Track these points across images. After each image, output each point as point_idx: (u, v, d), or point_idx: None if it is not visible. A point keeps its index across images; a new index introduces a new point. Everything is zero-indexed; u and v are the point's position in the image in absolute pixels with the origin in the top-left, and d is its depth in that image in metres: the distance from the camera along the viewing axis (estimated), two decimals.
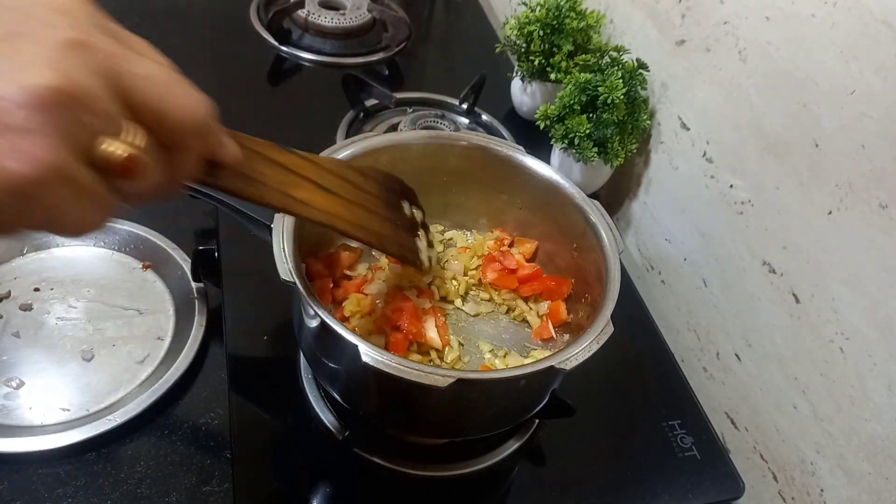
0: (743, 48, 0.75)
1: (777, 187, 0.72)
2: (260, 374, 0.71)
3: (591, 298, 0.65)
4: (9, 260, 0.80)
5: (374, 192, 0.60)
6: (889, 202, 0.60)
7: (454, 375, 0.49)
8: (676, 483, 0.69)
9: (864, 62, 0.61)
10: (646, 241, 0.97)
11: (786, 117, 0.70)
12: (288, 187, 0.49)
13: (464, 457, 0.66)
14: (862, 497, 0.66)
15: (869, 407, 0.64)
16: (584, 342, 0.54)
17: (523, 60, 1.00)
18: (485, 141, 0.71)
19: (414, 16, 1.24)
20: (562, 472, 0.69)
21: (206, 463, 0.67)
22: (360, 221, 0.56)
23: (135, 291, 0.80)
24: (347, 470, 0.65)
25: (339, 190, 0.55)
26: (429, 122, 0.97)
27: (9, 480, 0.63)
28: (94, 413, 0.69)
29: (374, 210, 0.59)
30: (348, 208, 0.55)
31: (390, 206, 0.62)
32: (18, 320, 0.75)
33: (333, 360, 0.57)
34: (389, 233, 0.60)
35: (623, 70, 0.87)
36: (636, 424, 0.74)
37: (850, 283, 0.65)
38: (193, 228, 0.87)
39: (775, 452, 0.77)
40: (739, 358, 0.81)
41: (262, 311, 0.75)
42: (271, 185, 0.47)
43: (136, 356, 0.74)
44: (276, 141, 0.46)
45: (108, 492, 0.64)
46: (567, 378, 0.56)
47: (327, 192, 0.54)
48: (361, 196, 0.58)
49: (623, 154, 0.89)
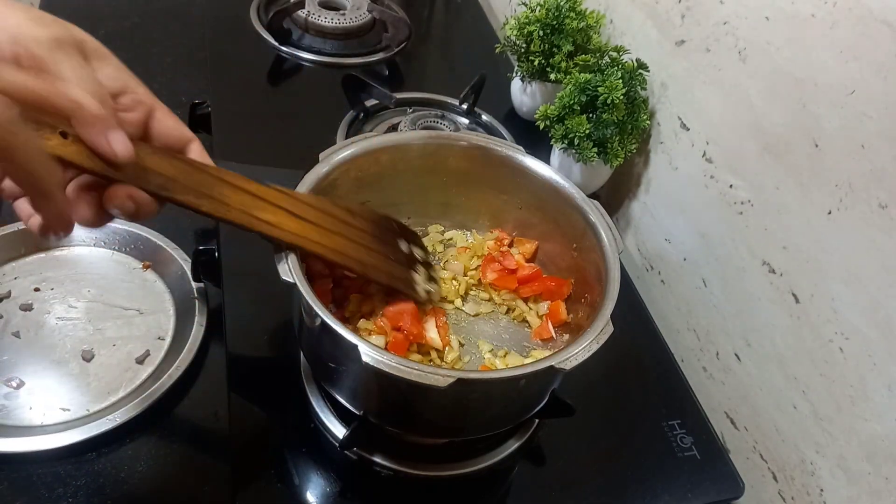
0: (743, 48, 0.75)
1: (777, 187, 0.72)
2: (260, 374, 0.71)
3: (591, 298, 0.65)
4: (9, 260, 0.80)
5: (362, 228, 0.62)
6: (889, 202, 0.60)
7: (454, 375, 0.49)
8: (676, 483, 0.69)
9: (864, 62, 0.61)
10: (646, 241, 0.98)
11: (786, 117, 0.70)
12: (252, 209, 0.53)
13: (464, 457, 0.66)
14: (862, 497, 0.66)
15: (869, 407, 0.64)
16: (584, 342, 0.54)
17: (523, 60, 1.00)
18: (485, 141, 0.71)
19: (414, 16, 1.24)
20: (562, 472, 0.69)
21: (206, 463, 0.67)
22: (338, 247, 0.58)
23: (135, 291, 0.80)
24: (347, 470, 0.65)
25: (316, 220, 0.57)
26: (429, 122, 0.97)
27: (9, 480, 0.63)
28: (94, 413, 0.69)
29: (359, 241, 0.61)
30: (324, 235, 0.57)
31: (382, 241, 0.63)
32: (18, 320, 0.75)
33: (334, 360, 0.57)
34: (376, 263, 0.61)
35: (623, 70, 0.87)
36: (636, 424, 0.74)
37: (850, 283, 0.65)
38: (193, 228, 0.87)
39: (775, 452, 0.77)
40: (739, 358, 0.81)
41: (262, 311, 0.75)
42: (233, 206, 0.50)
43: (136, 356, 0.74)
44: (276, 141, 0.46)
45: (108, 492, 0.64)
46: (567, 378, 0.56)
47: (300, 219, 0.56)
48: (344, 227, 0.60)
49: (623, 154, 0.89)
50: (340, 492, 0.63)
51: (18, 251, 0.80)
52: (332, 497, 0.63)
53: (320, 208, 0.58)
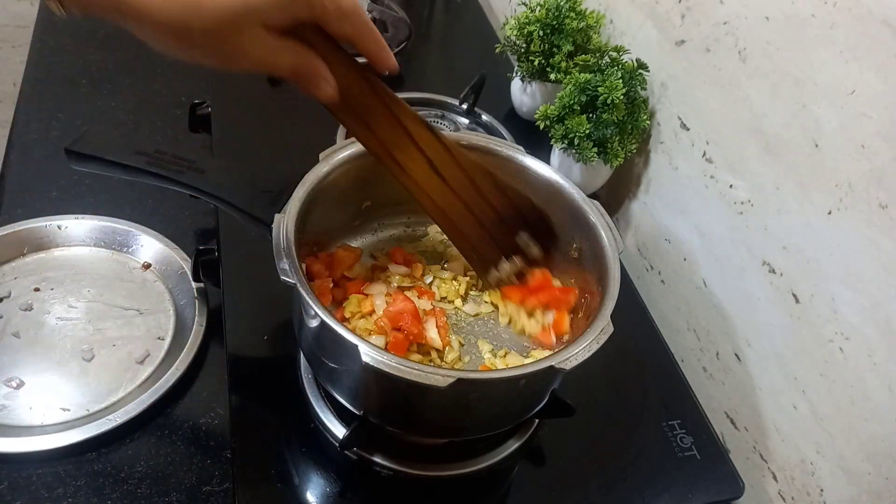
0: (743, 48, 0.75)
1: (777, 187, 0.72)
2: (260, 375, 0.71)
3: (591, 298, 0.65)
4: (9, 260, 0.80)
5: (495, 204, 0.63)
6: (889, 202, 0.60)
7: (454, 375, 0.49)
8: (676, 483, 0.69)
9: (864, 62, 0.61)
10: (646, 241, 0.98)
11: (786, 117, 0.70)
12: (393, 147, 0.56)
13: (464, 457, 0.66)
14: (862, 497, 0.66)
15: (869, 407, 0.64)
16: (584, 342, 0.54)
17: (523, 60, 1.00)
18: (485, 141, 0.71)
19: (414, 16, 1.24)
20: (562, 472, 0.69)
21: (206, 463, 0.67)
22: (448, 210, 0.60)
23: (135, 291, 0.80)
24: (347, 470, 0.65)
25: (451, 179, 0.59)
26: (429, 121, 0.96)
27: (9, 480, 0.63)
28: (94, 413, 0.69)
29: (476, 214, 0.63)
30: (446, 196, 0.59)
31: (502, 224, 0.64)
32: (18, 320, 0.75)
33: (334, 360, 0.57)
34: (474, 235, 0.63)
35: (623, 70, 0.87)
36: (636, 424, 0.74)
37: (850, 283, 0.65)
38: (193, 228, 0.87)
39: (775, 452, 0.77)
40: (739, 358, 0.81)
41: (262, 311, 0.75)
42: (376, 135, 0.55)
43: (136, 356, 0.74)
44: (276, 141, 0.46)
45: (108, 492, 0.64)
46: (567, 378, 0.56)
47: (435, 173, 0.58)
48: (474, 197, 0.62)
49: (623, 154, 0.89)
50: (340, 492, 0.63)
51: (18, 251, 0.81)
52: (332, 497, 0.63)
53: (467, 170, 0.60)
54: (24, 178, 0.89)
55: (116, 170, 0.65)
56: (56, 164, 0.91)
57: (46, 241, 0.82)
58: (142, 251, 0.83)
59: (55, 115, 0.99)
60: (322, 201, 0.63)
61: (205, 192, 0.64)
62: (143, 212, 0.86)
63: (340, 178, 0.65)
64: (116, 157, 0.64)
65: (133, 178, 0.65)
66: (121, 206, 0.87)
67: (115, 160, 0.64)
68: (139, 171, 0.64)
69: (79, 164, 0.65)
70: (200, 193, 0.64)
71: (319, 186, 0.62)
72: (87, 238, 0.83)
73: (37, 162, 0.92)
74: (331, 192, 0.64)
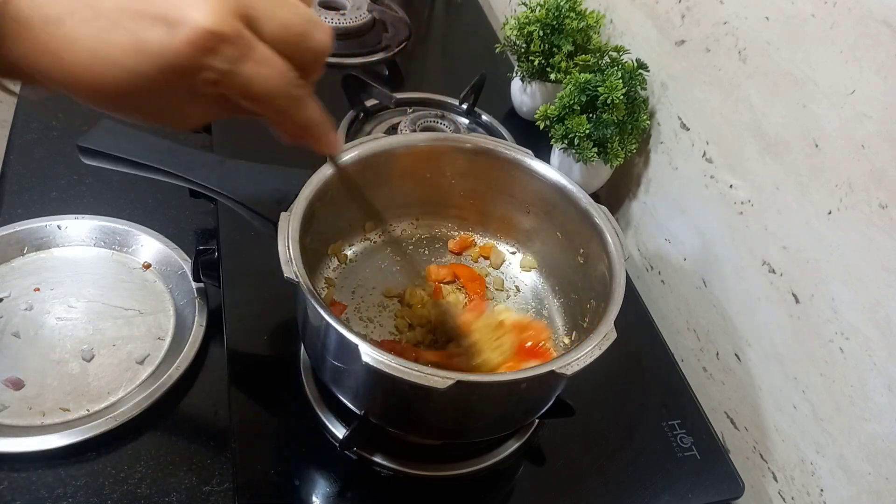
0: (743, 48, 0.75)
1: (777, 187, 0.72)
2: (260, 374, 0.71)
3: (595, 303, 0.65)
4: (9, 260, 0.80)
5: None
6: (889, 202, 0.60)
7: (454, 377, 0.49)
8: (676, 483, 0.69)
9: (864, 62, 0.61)
10: (646, 241, 0.98)
11: (786, 117, 0.70)
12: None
13: (464, 457, 0.66)
14: (862, 497, 0.66)
15: (869, 407, 0.64)
16: (587, 347, 0.54)
17: (523, 60, 1.00)
18: (492, 144, 0.71)
19: (414, 16, 1.24)
20: (562, 472, 0.69)
21: (206, 463, 0.67)
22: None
23: (135, 291, 0.80)
24: (348, 469, 0.65)
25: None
26: (429, 122, 0.97)
27: (9, 480, 0.63)
28: (94, 413, 0.68)
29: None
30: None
31: None
32: (18, 320, 0.75)
33: (336, 359, 0.57)
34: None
35: (623, 70, 0.87)
36: (636, 424, 0.74)
37: (849, 283, 0.65)
38: (193, 228, 0.87)
39: (775, 452, 0.77)
40: (739, 358, 0.81)
41: (263, 311, 0.75)
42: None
43: (136, 356, 0.74)
44: (276, 141, 0.46)
45: (108, 492, 0.63)
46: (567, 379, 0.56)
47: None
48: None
49: (623, 154, 0.89)
50: (340, 492, 0.63)
51: (18, 251, 0.80)
52: (332, 497, 0.63)
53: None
54: (24, 178, 0.89)
55: (126, 165, 0.65)
56: (56, 164, 0.91)
57: (46, 241, 0.82)
58: (142, 251, 0.83)
59: (55, 115, 0.99)
60: (328, 201, 0.63)
61: (214, 189, 0.64)
62: (143, 212, 0.86)
63: (347, 179, 0.65)
64: (129, 154, 0.65)
65: (141, 173, 0.66)
66: (121, 206, 0.87)
67: (128, 157, 0.65)
68: (149, 168, 0.64)
69: (89, 159, 0.65)
70: (209, 191, 0.64)
71: (325, 187, 0.62)
72: (86, 238, 0.83)
73: (37, 162, 0.92)
74: (337, 193, 0.64)
